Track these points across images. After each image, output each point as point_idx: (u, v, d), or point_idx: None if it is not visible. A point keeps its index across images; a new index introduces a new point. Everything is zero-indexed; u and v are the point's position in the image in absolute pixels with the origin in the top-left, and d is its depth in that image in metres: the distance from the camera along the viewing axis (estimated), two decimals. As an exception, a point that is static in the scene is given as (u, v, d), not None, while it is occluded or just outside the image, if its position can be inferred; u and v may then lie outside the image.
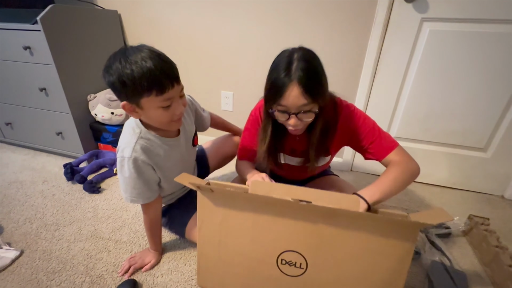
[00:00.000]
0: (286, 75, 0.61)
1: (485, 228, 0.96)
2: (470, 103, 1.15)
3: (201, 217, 0.70)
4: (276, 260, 0.67)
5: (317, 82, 0.64)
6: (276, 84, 0.63)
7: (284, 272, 0.67)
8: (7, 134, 1.53)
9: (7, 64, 1.27)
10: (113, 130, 1.38)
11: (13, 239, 0.94)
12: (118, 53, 0.60)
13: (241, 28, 1.31)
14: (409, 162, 0.73)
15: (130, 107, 0.63)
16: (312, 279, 0.66)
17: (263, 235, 0.66)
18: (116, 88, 0.61)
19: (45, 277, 0.82)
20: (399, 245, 0.58)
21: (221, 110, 1.54)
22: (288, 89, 0.61)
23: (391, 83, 1.22)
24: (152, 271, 0.84)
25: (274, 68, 0.65)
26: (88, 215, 1.07)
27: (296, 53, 0.63)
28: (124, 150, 0.70)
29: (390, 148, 0.75)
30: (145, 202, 0.77)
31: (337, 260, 0.63)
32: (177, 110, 0.66)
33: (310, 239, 0.63)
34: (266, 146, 0.78)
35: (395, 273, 0.60)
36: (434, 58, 1.11)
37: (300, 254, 0.65)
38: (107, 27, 1.41)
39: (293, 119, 0.66)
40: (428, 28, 1.08)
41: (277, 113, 0.68)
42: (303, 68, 0.61)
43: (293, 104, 0.63)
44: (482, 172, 1.27)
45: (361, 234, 0.59)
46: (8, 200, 1.14)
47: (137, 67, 0.57)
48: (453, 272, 0.83)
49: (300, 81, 0.60)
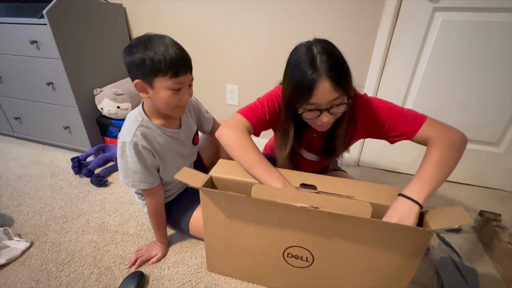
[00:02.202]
0: (312, 72, 0.57)
1: (497, 224, 0.94)
2: (483, 96, 1.12)
3: (205, 214, 0.70)
4: (282, 254, 0.68)
5: (344, 72, 0.60)
6: (303, 83, 0.59)
7: (291, 264, 0.69)
8: (16, 128, 1.55)
9: (15, 59, 1.27)
10: (119, 124, 1.38)
11: (23, 231, 0.96)
12: (142, 37, 0.66)
13: (247, 20, 1.29)
14: (449, 133, 0.63)
15: (143, 86, 0.67)
16: (318, 270, 0.67)
17: (268, 233, 0.65)
18: (134, 67, 0.65)
19: (55, 268, 0.83)
20: (410, 244, 0.55)
21: (227, 104, 1.53)
22: (318, 86, 0.58)
23: (400, 76, 1.19)
24: (158, 264, 0.85)
25: (295, 67, 0.60)
26: (96, 208, 1.08)
27: (315, 47, 0.59)
28: (125, 136, 0.72)
29: (419, 123, 0.67)
30: (147, 187, 0.77)
31: (343, 257, 0.63)
32: (184, 97, 0.70)
33: (317, 237, 0.61)
34: (288, 151, 0.73)
35: (403, 269, 0.59)
36: (446, 49, 1.08)
37: (306, 250, 0.64)
38: (112, 21, 1.41)
39: (326, 116, 0.62)
40: (441, 18, 1.04)
41: (306, 113, 0.64)
42: (328, 61, 0.58)
43: (325, 100, 0.60)
44: (495, 167, 1.24)
45: (370, 235, 0.57)
46: (18, 193, 1.16)
47: (159, 50, 0.63)
48: (463, 268, 0.81)
49: (329, 75, 0.57)
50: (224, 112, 1.56)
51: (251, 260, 0.72)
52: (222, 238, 0.71)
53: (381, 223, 0.54)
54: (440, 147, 0.61)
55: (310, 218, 0.59)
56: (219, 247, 0.74)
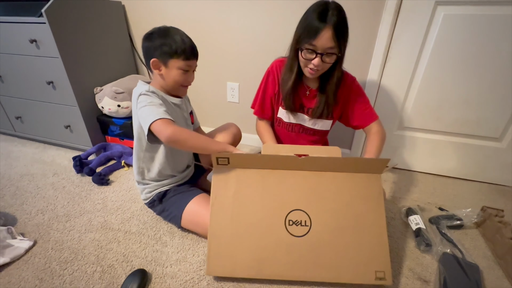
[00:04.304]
0: (322, 19, 0.74)
1: (499, 220, 0.93)
2: (486, 91, 1.11)
3: (215, 192, 0.78)
4: (284, 222, 0.76)
5: (345, 31, 0.78)
6: (312, 25, 0.76)
7: (292, 233, 0.76)
8: (17, 128, 1.55)
9: (15, 58, 1.27)
10: (120, 123, 1.39)
11: (26, 230, 0.97)
12: (162, 28, 0.80)
13: (247, 17, 1.28)
14: (384, 131, 0.97)
15: (158, 64, 0.80)
16: (316, 236, 0.75)
17: (272, 199, 0.78)
18: (153, 49, 0.78)
19: (58, 266, 0.83)
20: (371, 177, 0.77)
21: (227, 101, 1.53)
22: (322, 31, 0.75)
23: (402, 71, 1.18)
24: (161, 262, 0.85)
25: (311, 13, 0.78)
26: (98, 206, 1.09)
27: (331, 4, 0.76)
28: (137, 91, 0.82)
29: (375, 117, 0.97)
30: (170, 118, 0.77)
31: (331, 207, 0.77)
32: (190, 78, 0.86)
33: (310, 195, 0.77)
34: (292, 82, 0.91)
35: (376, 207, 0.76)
36: (448, 44, 1.07)
37: (304, 212, 0.77)
38: (111, 19, 1.40)
39: (317, 59, 0.80)
40: (443, 12, 1.03)
41: (305, 51, 0.81)
42: (337, 16, 0.74)
43: (322, 45, 0.77)
44: (497, 162, 1.23)
45: (343, 175, 0.78)
46: (21, 192, 1.16)
47: (177, 38, 0.78)
48: (465, 264, 0.81)
49: (334, 26, 0.74)
50: (225, 109, 1.56)
51: (255, 239, 0.76)
52: (229, 218, 0.77)
53: (346, 158, 0.77)
54: (380, 136, 0.94)
55: (303, 177, 0.78)
56: (224, 233, 0.76)
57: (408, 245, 0.94)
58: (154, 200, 0.94)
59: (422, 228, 0.95)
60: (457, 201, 1.17)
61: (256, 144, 1.58)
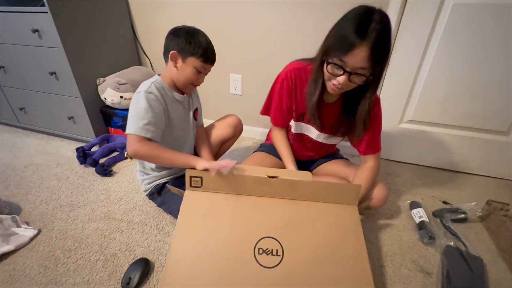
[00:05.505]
0: (360, 34, 0.59)
1: (504, 214, 0.92)
2: (494, 83, 1.08)
3: (182, 217, 0.71)
4: (253, 250, 0.66)
5: (386, 51, 0.63)
6: (346, 38, 0.61)
7: (261, 264, 0.65)
8: (21, 119, 1.56)
9: (18, 48, 1.27)
10: (122, 114, 1.38)
11: (30, 219, 0.98)
12: (190, 28, 0.84)
13: (250, 9, 1.26)
14: (379, 168, 0.91)
15: (176, 56, 0.83)
16: (289, 267, 0.65)
17: (242, 225, 0.71)
18: (176, 43, 0.82)
19: (62, 254, 0.84)
20: (347, 208, 0.74)
21: (230, 94, 1.51)
22: (357, 48, 0.60)
23: (409, 63, 1.15)
24: (163, 251, 0.86)
25: (348, 22, 0.62)
26: (101, 197, 1.09)
27: (376, 15, 0.59)
28: (141, 88, 0.83)
29: (378, 150, 0.89)
30: (147, 136, 0.78)
31: (306, 237, 0.69)
32: (201, 79, 0.89)
33: (283, 223, 0.71)
34: (317, 97, 0.78)
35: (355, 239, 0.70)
36: (457, 35, 1.04)
37: (276, 240, 0.68)
38: (113, 9, 1.38)
39: (344, 77, 0.66)
40: (452, 1, 1.00)
41: (332, 66, 0.67)
42: (380, 31, 0.59)
43: (353, 64, 0.63)
44: (504, 156, 1.21)
45: (318, 203, 0.74)
46: (25, 182, 1.17)
47: (203, 41, 0.83)
48: (468, 257, 0.81)
49: (373, 44, 0.59)
50: (228, 101, 1.55)
51: (219, 270, 0.65)
52: (192, 244, 0.67)
53: (319, 182, 0.75)
54: (374, 174, 0.89)
55: (276, 205, 0.74)
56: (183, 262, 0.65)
57: (411, 238, 0.93)
58: (153, 192, 0.95)
59: (425, 221, 0.95)
60: (462, 195, 1.16)
61: (258, 137, 1.57)
